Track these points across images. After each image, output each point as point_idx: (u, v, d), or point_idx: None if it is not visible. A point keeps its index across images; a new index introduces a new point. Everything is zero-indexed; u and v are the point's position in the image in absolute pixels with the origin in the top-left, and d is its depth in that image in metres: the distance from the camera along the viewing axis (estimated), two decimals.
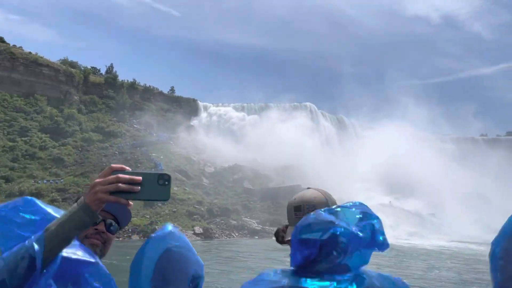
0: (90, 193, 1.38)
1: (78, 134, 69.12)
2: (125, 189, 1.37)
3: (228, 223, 48.26)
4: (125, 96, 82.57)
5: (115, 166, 1.44)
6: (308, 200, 1.78)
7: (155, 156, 67.54)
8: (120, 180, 1.38)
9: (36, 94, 71.66)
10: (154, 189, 1.41)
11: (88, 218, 1.38)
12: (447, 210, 66.31)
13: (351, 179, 69.32)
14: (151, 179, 1.41)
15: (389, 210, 61.29)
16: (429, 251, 38.88)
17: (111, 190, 1.36)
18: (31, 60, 73.40)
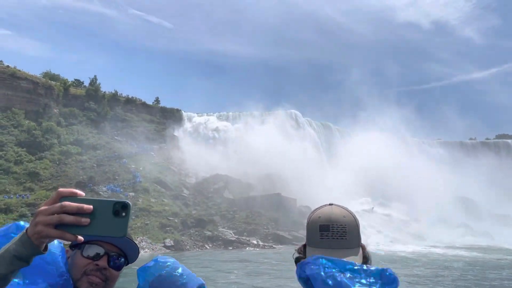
0: (33, 223, 1.16)
1: (56, 147, 67.85)
2: (71, 222, 1.14)
3: (202, 234, 47.00)
4: (106, 107, 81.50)
5: (64, 191, 1.20)
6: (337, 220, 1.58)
7: (134, 167, 66.36)
8: (66, 209, 1.14)
9: (14, 108, 70.47)
10: (108, 221, 1.17)
11: (24, 251, 1.16)
12: (432, 215, 65.20)
13: (334, 185, 68.23)
14: (105, 208, 1.17)
15: (372, 216, 60.20)
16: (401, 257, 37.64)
17: (54, 223, 1.14)
18: (8, 73, 72.35)
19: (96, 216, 1.15)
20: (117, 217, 1.17)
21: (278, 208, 57.01)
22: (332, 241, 1.54)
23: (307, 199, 63.13)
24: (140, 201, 53.94)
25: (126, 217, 1.17)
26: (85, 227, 1.15)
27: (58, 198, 1.18)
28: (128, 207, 1.18)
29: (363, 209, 62.17)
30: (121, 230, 1.17)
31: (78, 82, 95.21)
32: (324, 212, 1.62)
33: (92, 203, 1.16)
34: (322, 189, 66.15)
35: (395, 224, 60.87)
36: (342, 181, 71.88)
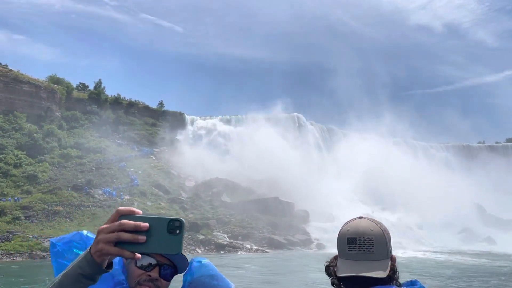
0: (95, 242, 1.23)
1: (57, 150, 68.03)
2: (129, 239, 1.19)
3: (195, 238, 46.38)
4: (108, 111, 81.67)
5: (122, 209, 1.25)
6: (364, 232, 1.65)
7: (132, 171, 66.18)
8: (123, 227, 1.20)
9: (16, 111, 70.95)
10: (163, 239, 1.21)
11: (90, 270, 1.22)
12: (434, 220, 63.67)
13: (334, 189, 67.17)
14: (161, 226, 1.22)
15: None
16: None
17: (113, 240, 1.20)
18: (11, 77, 73.00)
19: (152, 233, 1.19)
20: (172, 235, 1.20)
21: (276, 212, 56.20)
22: (360, 253, 1.60)
23: (306, 204, 62.26)
24: (135, 204, 53.54)
25: (181, 235, 1.21)
26: (141, 245, 1.19)
27: (117, 216, 1.23)
28: (182, 225, 1.22)
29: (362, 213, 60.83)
30: (176, 248, 1.21)
31: (83, 85, 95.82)
32: (352, 225, 1.68)
33: (148, 221, 1.21)
34: (322, 193, 65.22)
35: (395, 229, 59.53)
36: (343, 185, 70.79)
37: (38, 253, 37.18)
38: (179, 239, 1.20)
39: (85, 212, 50.02)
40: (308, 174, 70.77)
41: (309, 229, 54.45)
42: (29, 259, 36.07)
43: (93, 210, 50.90)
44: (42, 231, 42.99)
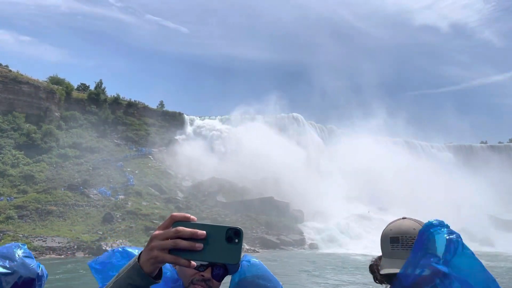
0: (146, 249, 1.18)
1: (55, 150, 68.32)
2: (186, 247, 1.15)
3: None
4: (107, 111, 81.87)
5: (177, 215, 1.19)
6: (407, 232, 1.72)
7: (129, 170, 66.32)
8: (180, 234, 1.15)
9: (15, 111, 71.34)
10: (221, 247, 1.17)
11: (139, 281, 1.18)
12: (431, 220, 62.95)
13: (332, 190, 66.82)
14: (218, 234, 1.17)
15: (367, 221, 58.64)
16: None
17: (169, 247, 1.15)
18: (10, 77, 73.41)
19: (209, 241, 1.15)
20: (230, 244, 1.16)
21: (270, 211, 56.00)
22: (402, 252, 1.67)
23: (302, 204, 62.03)
24: (129, 204, 53.70)
25: (239, 244, 1.17)
26: (198, 253, 1.15)
27: (171, 222, 1.18)
28: (241, 233, 1.18)
29: (358, 214, 60.58)
30: (235, 257, 1.16)
31: (84, 86, 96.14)
32: (395, 225, 1.77)
33: (205, 228, 1.16)
34: (318, 193, 64.97)
35: None
36: (341, 185, 70.44)
37: None
38: (238, 248, 1.16)
39: (78, 211, 50.15)
40: (306, 174, 70.57)
41: (304, 229, 54.22)
42: None
43: (86, 209, 51.03)
44: (34, 230, 43.17)
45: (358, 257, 38.52)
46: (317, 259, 36.37)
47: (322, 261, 34.57)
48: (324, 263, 31.99)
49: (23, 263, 1.67)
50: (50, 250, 38.33)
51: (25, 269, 1.66)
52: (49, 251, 38.19)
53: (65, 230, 43.69)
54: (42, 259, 36.53)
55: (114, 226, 46.24)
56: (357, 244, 51.08)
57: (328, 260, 34.16)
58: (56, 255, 37.69)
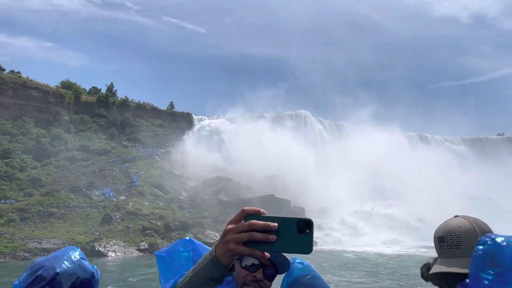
0: (221, 242, 1.24)
1: (63, 153, 69.57)
2: (260, 239, 1.20)
3: (183, 237, 46.24)
4: (115, 113, 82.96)
5: (248, 209, 1.26)
6: (452, 230, 1.69)
7: (134, 171, 66.96)
8: (254, 227, 1.20)
9: (24, 116, 72.99)
10: (293, 238, 1.21)
11: (217, 273, 1.24)
12: (441, 215, 61.28)
13: (338, 186, 65.88)
14: (290, 225, 1.21)
15: (371, 217, 57.59)
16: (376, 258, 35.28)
17: (244, 240, 1.20)
18: (19, 83, 75.16)
19: (281, 233, 1.18)
20: (302, 234, 1.19)
21: (271, 209, 55.39)
22: (448, 251, 1.64)
23: (306, 201, 61.39)
24: (130, 205, 54.16)
25: (310, 234, 1.19)
26: (272, 244, 1.18)
27: (243, 216, 1.23)
28: (312, 224, 1.20)
29: (361, 210, 59.58)
30: (307, 247, 1.19)
31: (96, 89, 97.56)
32: (443, 224, 1.72)
33: (276, 220, 1.20)
34: (323, 190, 64.17)
35: (396, 225, 57.90)
36: (348, 182, 69.31)
37: (21, 254, 37.99)
38: (309, 239, 1.18)
39: (79, 213, 50.86)
40: (312, 171, 69.90)
41: None
42: (12, 259, 36.84)
43: (87, 211, 51.71)
44: (33, 233, 43.95)
45: (349, 254, 37.72)
46: (309, 257, 35.71)
47: (309, 259, 33.94)
48: (310, 261, 31.30)
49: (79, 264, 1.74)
50: (45, 252, 38.88)
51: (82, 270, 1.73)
52: (44, 252, 38.69)
53: (63, 232, 44.34)
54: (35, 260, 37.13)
55: (111, 227, 46.69)
56: (356, 240, 50.25)
57: (320, 257, 33.51)
58: None
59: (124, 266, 32.34)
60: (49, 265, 1.69)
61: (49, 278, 1.64)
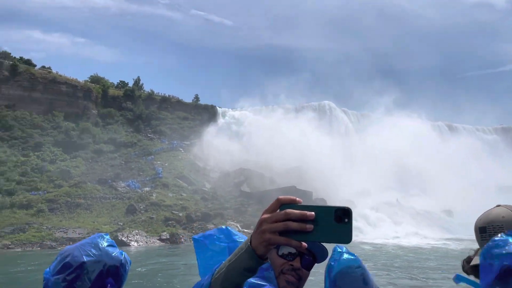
0: (257, 232, 1.22)
1: (91, 146, 71.61)
2: (296, 228, 1.16)
3: (205, 227, 47.00)
4: (141, 107, 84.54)
5: (284, 198, 1.21)
6: (494, 220, 1.64)
7: (159, 163, 68.24)
8: (290, 216, 1.16)
9: (54, 110, 75.40)
10: (331, 228, 1.16)
11: (253, 263, 1.23)
12: (468, 206, 59.68)
13: (361, 177, 65.17)
14: (327, 214, 1.17)
15: (393, 208, 56.78)
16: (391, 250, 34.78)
17: (280, 230, 1.17)
18: (49, 79, 77.63)
19: (318, 222, 1.15)
20: (340, 223, 1.14)
21: None
22: None
23: (329, 192, 61.05)
24: (153, 196, 55.31)
25: (349, 223, 1.14)
26: (309, 234, 1.15)
27: (278, 205, 1.18)
28: (351, 213, 1.15)
29: (385, 201, 58.79)
30: (346, 237, 1.14)
31: (123, 83, 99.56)
32: (485, 214, 1.67)
33: (313, 209, 1.16)
34: (348, 182, 63.65)
35: (421, 217, 56.85)
36: (373, 173, 68.41)
37: (48, 243, 39.53)
38: (348, 228, 1.14)
39: (105, 204, 52.37)
40: (336, 162, 69.27)
41: None
42: (39, 248, 38.41)
43: (113, 202, 53.17)
44: (61, 223, 45.62)
45: (367, 246, 37.37)
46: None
47: None
48: None
49: (107, 252, 1.76)
50: (70, 241, 40.39)
51: (109, 257, 1.76)
52: (69, 241, 40.20)
53: (89, 222, 45.82)
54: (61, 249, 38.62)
55: (135, 217, 47.89)
56: (377, 232, 49.69)
57: None
58: None
59: (146, 255, 33.17)
60: (77, 253, 1.73)
61: (76, 266, 1.68)
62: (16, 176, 60.12)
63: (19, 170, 62.08)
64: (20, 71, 74.76)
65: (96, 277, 1.67)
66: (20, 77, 74.79)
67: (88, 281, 1.66)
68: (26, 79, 75.28)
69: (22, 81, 74.98)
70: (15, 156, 64.70)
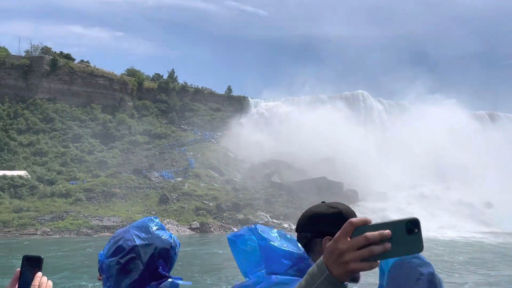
0: (338, 263, 1.18)
1: (127, 137, 73.76)
2: (379, 252, 1.15)
3: (234, 217, 47.71)
4: (175, 99, 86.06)
5: (356, 221, 1.18)
6: None
7: (192, 154, 69.47)
8: (371, 241, 1.15)
9: (92, 103, 78.06)
10: (404, 240, 1.16)
11: None
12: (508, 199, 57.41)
13: (395, 169, 63.84)
14: (399, 228, 1.17)
15: (429, 201, 55.39)
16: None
17: (366, 257, 1.15)
18: (87, 72, 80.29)
19: (393, 238, 1.16)
20: (411, 235, 1.17)
21: (323, 192, 55.15)
22: None
23: (361, 184, 60.27)
24: (185, 186, 56.47)
25: (419, 233, 1.17)
26: (387, 252, 1.16)
27: (351, 228, 1.18)
28: (419, 223, 1.18)
29: (420, 193, 57.41)
30: (419, 247, 1.16)
31: (158, 76, 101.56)
32: None
33: (386, 226, 1.17)
34: (380, 173, 62.58)
35: (458, 210, 55.18)
36: (408, 164, 66.75)
37: (84, 230, 41.31)
38: (419, 238, 1.17)
39: (139, 193, 54.02)
40: (368, 153, 68.12)
41: (356, 209, 52.57)
42: (75, 236, 40.20)
43: (146, 191, 54.75)
44: (97, 211, 47.47)
45: None
46: None
47: None
48: None
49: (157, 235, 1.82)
50: (105, 229, 42.11)
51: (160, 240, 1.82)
52: (104, 229, 41.92)
53: (123, 211, 47.45)
54: (96, 237, 40.32)
55: (167, 206, 49.20)
56: None
57: None
58: (109, 233, 41.34)
59: None
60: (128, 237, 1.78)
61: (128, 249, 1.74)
62: (57, 166, 62.97)
63: (59, 160, 64.98)
64: (60, 65, 77.73)
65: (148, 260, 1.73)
66: (60, 71, 77.73)
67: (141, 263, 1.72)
68: (66, 73, 78.16)
69: (62, 75, 77.91)
70: (56, 147, 67.64)
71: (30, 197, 49.82)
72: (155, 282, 1.75)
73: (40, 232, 40.40)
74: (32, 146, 65.21)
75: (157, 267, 1.76)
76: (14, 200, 48.14)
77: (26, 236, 39.32)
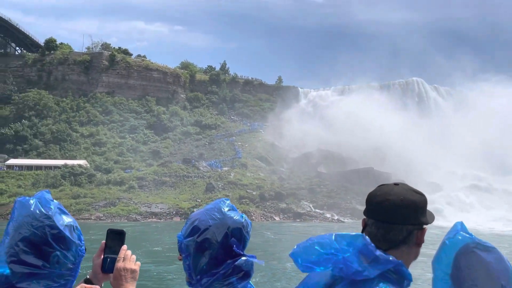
0: None
1: (179, 128, 76.68)
2: None
3: (277, 206, 48.36)
4: (225, 90, 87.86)
5: None
6: None
7: (239, 144, 70.89)
8: None
9: (147, 96, 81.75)
10: None
11: None
12: None
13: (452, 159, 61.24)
14: None
15: (483, 192, 52.64)
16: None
17: None
18: (143, 66, 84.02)
19: None
20: None
21: (369, 182, 54.23)
22: None
23: (411, 174, 58.44)
24: (231, 175, 57.93)
25: None
26: None
27: None
28: None
29: (474, 184, 54.69)
30: None
31: (211, 68, 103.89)
32: None
33: None
34: (434, 163, 60.45)
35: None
36: (464, 154, 63.68)
37: (133, 216, 43.90)
38: None
39: (187, 182, 56.24)
40: (423, 143, 65.68)
41: None
42: (126, 221, 42.84)
43: (194, 180, 56.86)
44: (147, 198, 50.14)
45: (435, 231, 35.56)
46: None
47: None
48: None
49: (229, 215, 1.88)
50: (153, 215, 44.52)
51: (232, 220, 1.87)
52: (152, 215, 44.30)
53: (171, 198, 49.72)
54: (144, 222, 42.73)
55: (213, 195, 50.83)
56: (462, 217, 46.43)
57: None
58: (157, 219, 43.71)
59: None
60: (203, 218, 1.86)
61: (203, 229, 1.82)
62: (114, 156, 66.89)
63: (116, 150, 68.95)
64: (117, 60, 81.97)
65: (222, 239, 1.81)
66: (118, 66, 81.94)
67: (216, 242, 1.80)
68: (123, 68, 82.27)
69: (120, 70, 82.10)
70: (114, 138, 71.78)
71: (88, 185, 53.49)
72: (230, 260, 1.83)
73: (94, 217, 43.57)
74: (92, 137, 69.62)
75: (231, 245, 1.84)
76: (73, 187, 52.01)
77: (81, 220, 42.51)
